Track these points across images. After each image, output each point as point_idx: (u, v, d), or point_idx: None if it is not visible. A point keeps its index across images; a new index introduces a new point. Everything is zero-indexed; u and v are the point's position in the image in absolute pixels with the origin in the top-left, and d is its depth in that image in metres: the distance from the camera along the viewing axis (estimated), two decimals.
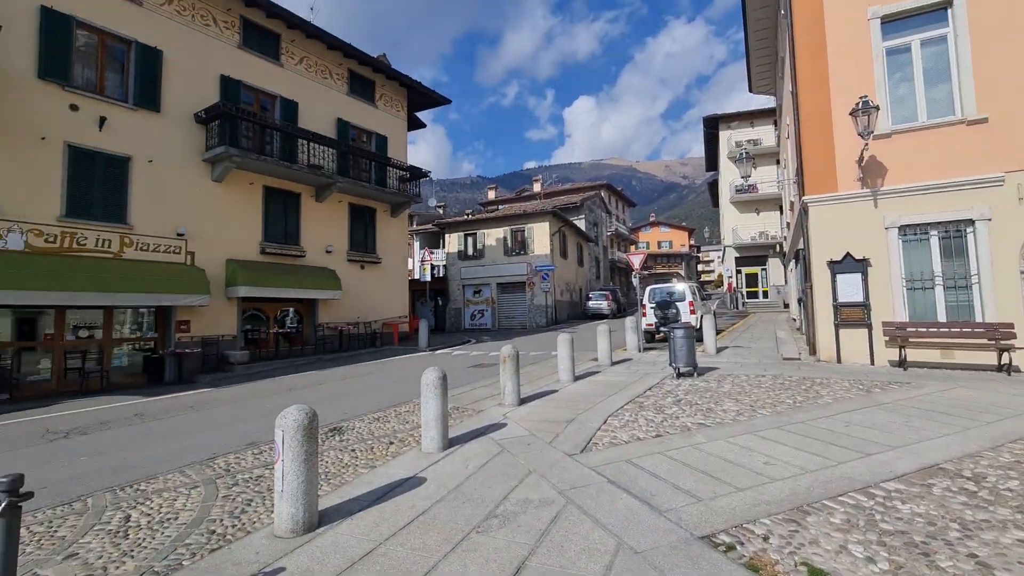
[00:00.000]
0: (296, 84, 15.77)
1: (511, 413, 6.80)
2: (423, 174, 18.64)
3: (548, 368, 10.88)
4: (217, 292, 13.10)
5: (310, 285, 14.78)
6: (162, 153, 12.32)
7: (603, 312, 28.31)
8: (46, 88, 10.53)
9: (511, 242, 27.66)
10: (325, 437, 6.12)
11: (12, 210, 9.95)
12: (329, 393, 9.45)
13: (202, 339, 12.72)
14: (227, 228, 13.58)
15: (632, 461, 4.67)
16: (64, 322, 10.99)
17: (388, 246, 18.70)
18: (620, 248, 56.89)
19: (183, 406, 8.87)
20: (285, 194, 15.19)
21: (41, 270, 9.96)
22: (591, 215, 39.44)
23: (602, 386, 8.48)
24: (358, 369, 12.52)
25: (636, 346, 12.54)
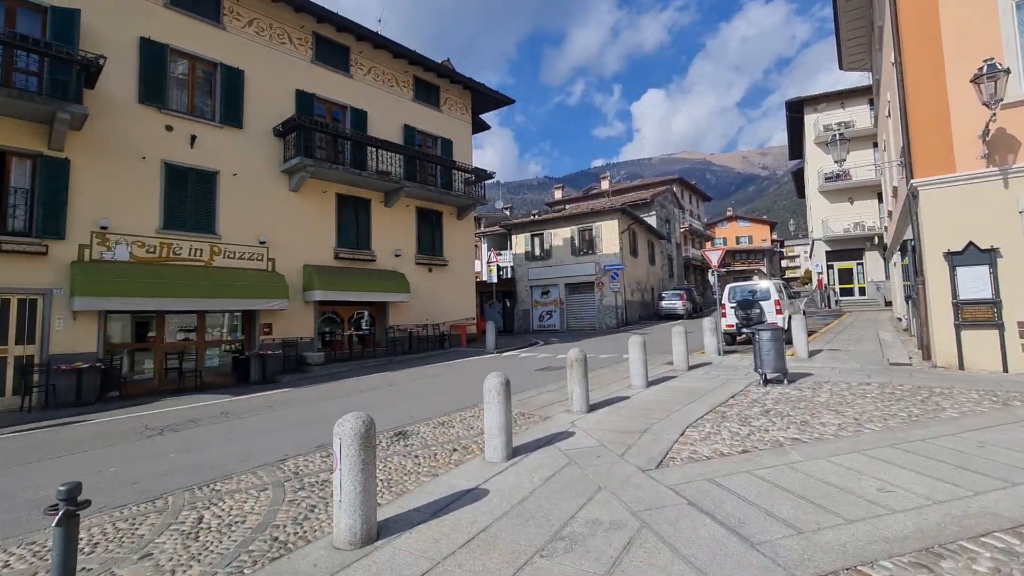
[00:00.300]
0: (365, 94, 16.35)
1: (579, 421, 6.46)
2: (487, 175, 18.69)
3: (619, 372, 10.38)
4: (295, 296, 13.81)
5: (380, 288, 15.23)
6: (245, 166, 13.18)
7: (677, 312, 27.03)
8: (145, 111, 11.58)
9: (578, 241, 27.13)
10: (390, 441, 6.11)
11: (119, 224, 11.01)
12: (398, 395, 9.57)
13: (283, 341, 13.45)
14: (304, 235, 14.29)
15: (715, 480, 4.18)
16: (164, 326, 12.03)
17: (455, 248, 18.92)
18: (695, 245, 54.32)
19: (263, 406, 9.34)
20: (356, 201, 15.78)
21: (143, 278, 10.93)
22: (662, 211, 37.92)
23: (678, 393, 7.90)
24: (426, 371, 12.68)
25: (715, 349, 11.69)
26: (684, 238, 48.96)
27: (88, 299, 9.94)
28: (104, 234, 10.78)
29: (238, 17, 13.47)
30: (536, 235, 28.92)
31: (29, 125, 9.96)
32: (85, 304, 9.93)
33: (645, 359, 8.59)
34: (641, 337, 8.65)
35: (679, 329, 10.20)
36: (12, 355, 9.73)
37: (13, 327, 9.76)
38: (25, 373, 9.57)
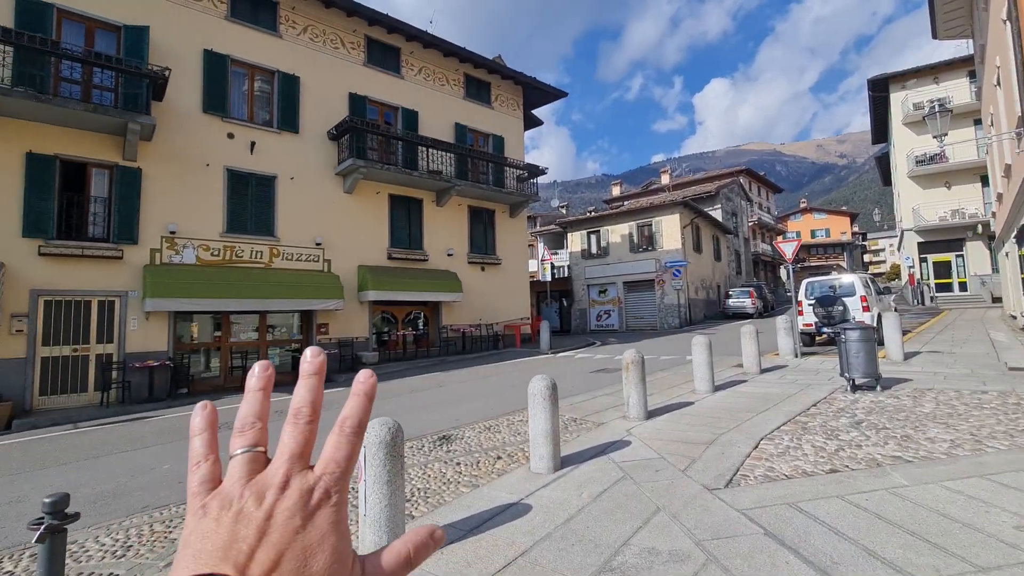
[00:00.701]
0: (416, 94, 16.44)
1: (636, 429, 5.91)
2: (540, 171, 18.28)
3: (681, 375, 9.65)
4: (350, 296, 14.04)
5: (433, 288, 15.22)
6: (301, 170, 13.56)
7: (746, 311, 25.38)
8: (209, 120, 12.14)
9: (637, 238, 26.12)
10: (433, 446, 5.85)
11: (186, 228, 11.59)
12: (447, 396, 9.38)
13: (338, 340, 13.71)
14: (358, 236, 14.53)
15: (798, 506, 3.56)
16: (229, 326, 12.56)
17: (508, 247, 18.66)
18: (764, 239, 51.19)
19: (327, 404, 9.43)
20: (408, 201, 15.87)
21: (208, 280, 11.44)
22: (728, 204, 35.90)
23: (750, 399, 7.13)
24: (478, 372, 12.46)
25: (791, 350, 10.65)
26: (753, 232, 46.19)
27: (158, 300, 10.50)
28: (172, 238, 11.39)
29: (293, 25, 13.90)
30: (592, 232, 28.16)
31: (106, 137, 10.67)
32: (155, 305, 10.49)
33: (711, 361, 7.87)
34: (706, 337, 7.93)
35: (749, 328, 9.32)
36: (94, 353, 10.44)
37: (94, 327, 10.47)
38: (104, 370, 10.23)
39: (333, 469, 0.37)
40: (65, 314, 10.18)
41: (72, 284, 10.18)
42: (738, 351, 12.40)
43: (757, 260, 46.87)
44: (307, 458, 0.37)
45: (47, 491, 5.21)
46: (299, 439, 0.38)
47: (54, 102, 9.37)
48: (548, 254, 16.30)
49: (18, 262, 9.63)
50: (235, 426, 0.39)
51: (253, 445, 0.38)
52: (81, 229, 10.50)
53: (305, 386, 0.40)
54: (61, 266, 10.06)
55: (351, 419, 0.38)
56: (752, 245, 44.55)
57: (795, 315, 10.99)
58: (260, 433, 0.39)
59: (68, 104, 9.57)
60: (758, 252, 46.04)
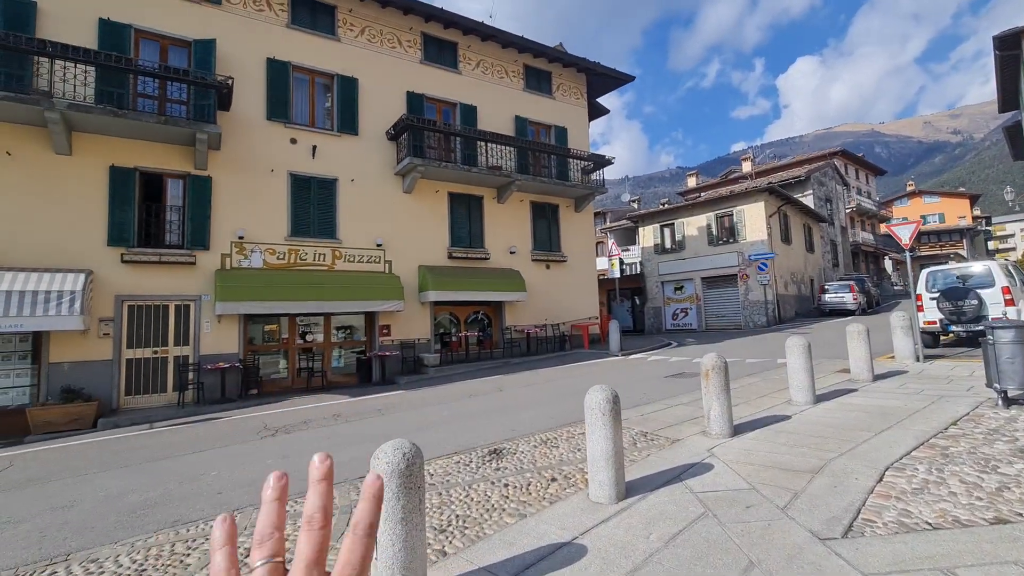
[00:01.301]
0: (474, 88, 16.10)
1: (719, 448, 5.00)
2: (606, 161, 17.28)
3: (773, 382, 8.43)
4: (411, 297, 13.93)
5: (494, 287, 14.77)
6: (361, 172, 13.62)
7: (846, 307, 22.73)
8: (272, 127, 12.46)
9: (716, 230, 24.25)
10: (481, 462, 5.28)
11: (253, 233, 11.94)
12: (506, 402, 8.82)
13: (400, 342, 13.62)
14: (418, 236, 14.40)
15: (955, 573, 2.58)
16: (295, 328, 12.84)
17: (573, 243, 17.85)
18: (865, 227, 46.26)
19: (373, 409, 9.24)
20: (468, 198, 15.55)
21: (274, 283, 11.70)
22: (821, 189, 32.63)
23: (863, 414, 5.92)
24: (541, 375, 11.81)
25: (910, 353, 9.03)
26: (851, 220, 41.81)
27: (228, 304, 10.83)
28: (241, 243, 11.76)
29: (351, 28, 14.01)
30: (666, 226, 26.56)
31: (179, 148, 11.19)
32: (225, 308, 10.83)
33: (810, 366, 6.68)
34: (803, 338, 6.75)
35: (858, 327, 7.93)
36: (172, 355, 10.97)
37: (172, 330, 11.01)
38: (180, 372, 10.70)
39: (349, 572, 0.39)
40: (146, 318, 10.77)
41: (151, 289, 10.75)
42: (840, 353, 10.83)
43: (857, 250, 42.38)
44: (323, 564, 0.40)
45: (102, 496, 5.26)
46: (314, 545, 0.40)
47: (129, 116, 9.91)
48: (616, 249, 15.28)
49: (104, 270, 10.28)
50: (254, 538, 0.42)
51: (272, 556, 0.41)
52: (158, 237, 11.09)
53: (316, 492, 0.42)
54: (141, 272, 10.65)
55: (362, 522, 0.41)
56: (851, 234, 40.33)
57: (915, 311, 9.30)
58: (278, 544, 0.42)
59: (142, 117, 10.09)
60: (858, 242, 41.62)
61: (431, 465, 5.29)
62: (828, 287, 24.07)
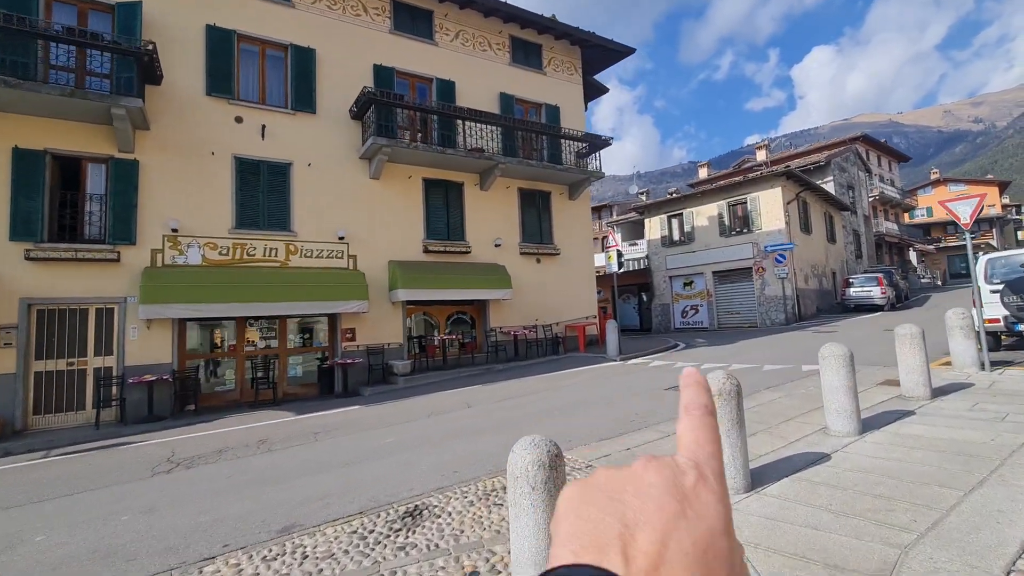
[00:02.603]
0: (452, 62, 14.48)
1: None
2: (603, 143, 15.55)
3: (800, 399, 6.74)
4: (379, 297, 12.39)
5: (476, 284, 13.17)
6: (320, 155, 12.10)
7: (874, 302, 20.77)
8: (213, 104, 10.98)
9: (729, 219, 22.39)
10: (387, 530, 3.71)
11: (190, 226, 10.47)
12: (469, 423, 7.22)
13: (367, 348, 12.09)
14: (388, 227, 12.85)
15: None
16: (244, 334, 11.36)
17: (568, 234, 16.17)
18: (888, 217, 43.92)
19: (310, 432, 7.70)
20: (446, 185, 13.96)
21: (214, 282, 10.21)
22: (842, 176, 30.54)
23: (933, 452, 4.23)
24: (523, 385, 10.19)
25: (972, 360, 7.26)
26: (873, 209, 39.52)
27: (153, 307, 9.37)
28: (175, 237, 10.30)
29: None
30: (674, 216, 24.75)
31: (99, 128, 9.76)
32: (150, 312, 9.37)
33: (853, 383, 4.99)
34: (841, 347, 5.05)
35: (910, 329, 6.18)
36: (91, 367, 9.54)
37: (92, 338, 9.58)
38: (101, 386, 9.26)
39: (695, 449, 0.36)
40: (59, 324, 9.34)
41: (66, 291, 9.32)
42: (874, 358, 9.09)
43: (880, 241, 40.08)
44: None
45: None
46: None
47: (26, 87, 8.45)
48: (614, 239, 13.60)
49: (4, 268, 8.86)
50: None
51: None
52: (75, 230, 9.67)
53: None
54: (53, 271, 9.22)
55: (694, 403, 0.38)
56: (874, 224, 38.09)
57: (976, 309, 7.50)
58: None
59: (43, 89, 8.64)
60: (881, 232, 39.34)
61: (313, 537, 3.73)
62: (853, 280, 22.08)
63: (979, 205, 7.21)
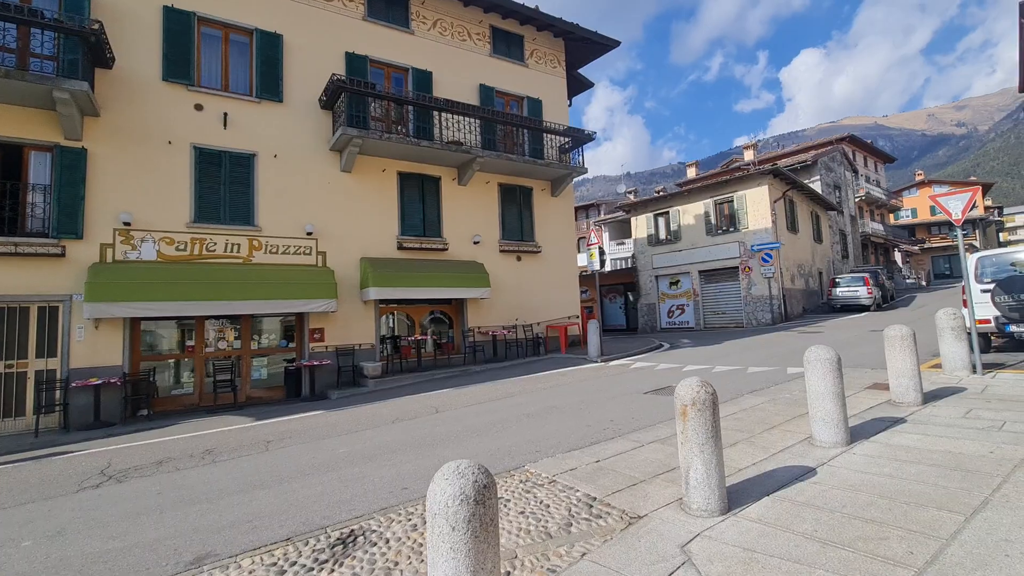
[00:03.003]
0: (430, 52, 13.97)
1: (702, 543, 2.93)
2: (586, 137, 15.13)
3: (785, 404, 6.36)
4: (350, 295, 11.86)
5: (452, 283, 12.67)
6: (287, 146, 11.54)
7: (860, 302, 20.62)
8: (171, 90, 10.37)
9: (715, 217, 22.12)
10: (315, 560, 3.22)
11: (144, 219, 9.86)
12: (432, 431, 6.74)
13: (336, 349, 11.55)
14: (360, 223, 12.32)
15: None
16: (204, 334, 10.77)
17: (549, 231, 15.73)
18: (874, 217, 44.14)
19: (262, 440, 7.17)
20: (422, 179, 13.46)
21: (169, 279, 9.62)
22: (830, 175, 30.50)
23: (929, 467, 3.84)
24: (497, 389, 9.72)
25: (964, 362, 6.93)
26: (860, 209, 39.63)
27: (100, 305, 8.77)
28: (127, 231, 9.69)
29: None
30: (660, 214, 24.45)
31: (44, 114, 9.13)
32: (97, 311, 8.77)
33: (840, 390, 4.60)
34: (829, 351, 4.66)
35: (900, 331, 5.82)
36: (32, 369, 8.91)
37: (33, 338, 8.94)
38: (41, 390, 8.63)
39: None
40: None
41: (5, 288, 8.68)
42: (861, 360, 8.77)
43: (866, 242, 40.23)
44: None
45: None
46: None
47: None
48: (596, 236, 13.19)
49: None
50: None
51: None
52: (15, 223, 9.02)
53: None
54: None
55: None
56: (860, 224, 38.17)
57: (968, 309, 7.18)
58: None
59: None
60: (867, 232, 39.47)
61: (225, 571, 3.23)
62: (839, 280, 21.93)
63: (971, 200, 6.89)
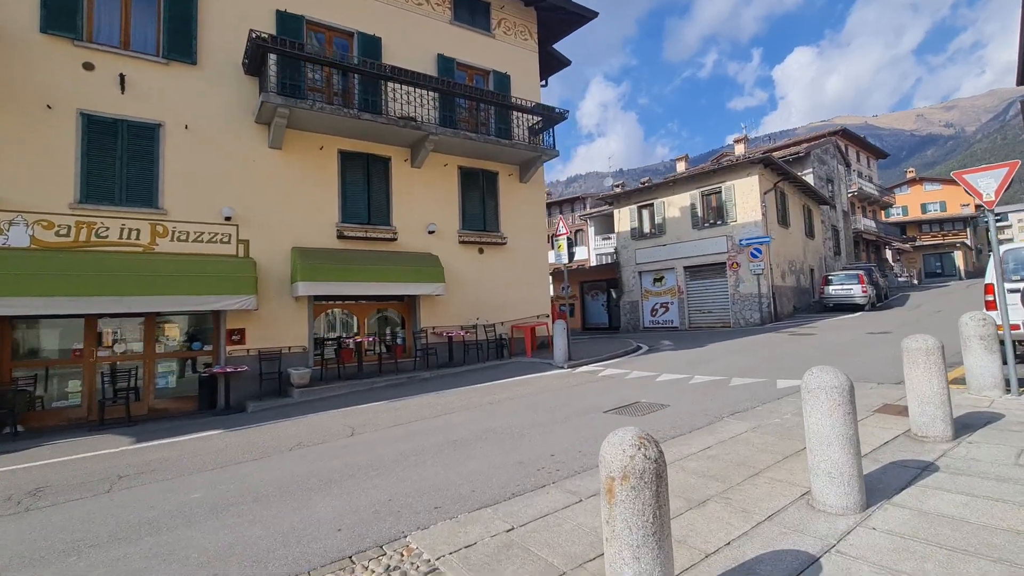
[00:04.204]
0: (379, 15, 12.41)
1: None
2: (558, 116, 13.66)
3: (775, 437, 4.98)
4: (280, 291, 10.36)
5: (399, 277, 11.19)
6: (202, 116, 9.97)
7: (854, 301, 19.43)
8: (51, 44, 8.76)
9: (702, 209, 20.79)
10: None
11: (15, 198, 8.28)
12: (320, 469, 5.28)
13: (260, 353, 10.03)
14: (293, 208, 10.79)
15: None
16: (94, 335, 9.20)
17: (517, 221, 14.28)
18: (866, 213, 43.22)
19: (114, 475, 5.66)
20: (369, 159, 11.93)
21: (48, 271, 8.05)
22: (822, 168, 29.35)
23: (995, 562, 2.43)
24: (440, 402, 8.27)
25: (994, 380, 5.59)
26: (851, 205, 38.60)
27: None
28: None
29: None
30: (645, 206, 23.09)
31: None
32: None
33: (854, 431, 3.20)
34: (837, 376, 3.27)
35: (924, 343, 4.45)
36: None
37: None
38: None
39: None
40: None
41: None
42: (865, 370, 7.43)
43: (858, 239, 39.23)
44: None
45: None
46: None
47: None
48: (564, 227, 11.77)
49: None
50: None
51: None
52: None
53: None
54: None
55: None
56: (852, 220, 37.14)
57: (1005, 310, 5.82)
58: None
59: None
60: (859, 229, 38.48)
61: None
62: (832, 278, 20.73)
63: (1008, 177, 5.53)
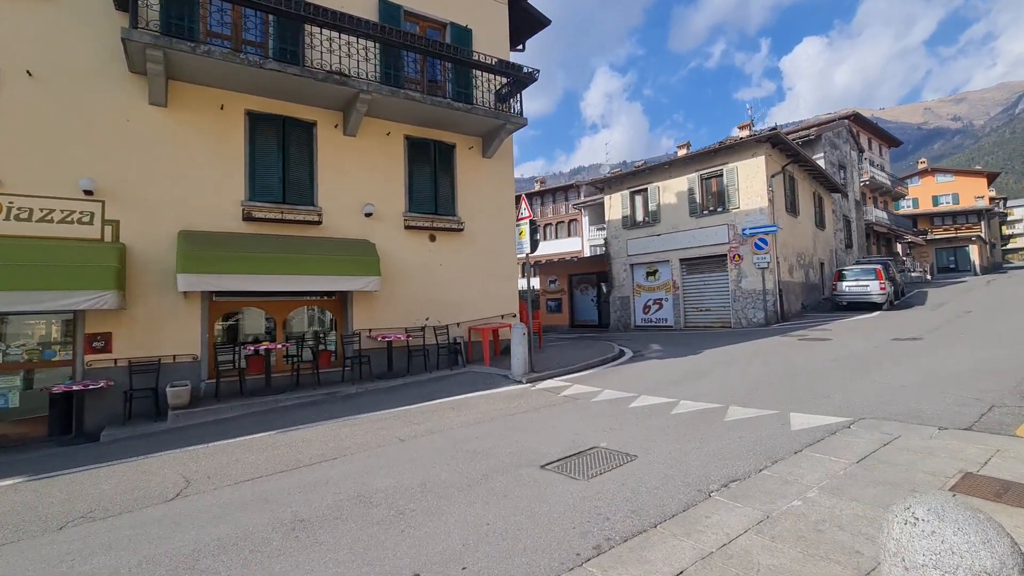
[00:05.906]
0: None
1: None
2: (527, 77, 11.48)
3: (791, 548, 2.89)
4: (163, 286, 8.28)
5: (322, 269, 9.09)
6: (53, 61, 7.84)
7: (871, 299, 17.32)
8: None
9: (701, 195, 18.63)
10: None
11: None
12: (65, 573, 3.23)
13: (132, 363, 7.97)
14: (183, 181, 8.69)
15: None
16: None
17: (478, 203, 12.15)
18: (878, 204, 40.94)
19: None
20: (286, 123, 9.80)
21: None
22: (834, 153, 27.10)
23: None
24: (341, 435, 6.22)
25: None
26: (864, 195, 36.35)
27: None
28: None
29: None
30: (638, 191, 20.93)
31: None
32: None
33: None
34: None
35: None
36: None
37: None
38: None
39: None
40: None
41: None
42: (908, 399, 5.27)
43: (869, 231, 37.00)
44: None
45: None
46: None
47: None
48: (527, 209, 9.67)
49: None
50: None
51: None
52: None
53: None
54: None
55: None
56: (864, 211, 34.91)
57: None
58: None
59: None
60: (870, 220, 36.25)
61: None
62: (846, 273, 18.58)
63: None
